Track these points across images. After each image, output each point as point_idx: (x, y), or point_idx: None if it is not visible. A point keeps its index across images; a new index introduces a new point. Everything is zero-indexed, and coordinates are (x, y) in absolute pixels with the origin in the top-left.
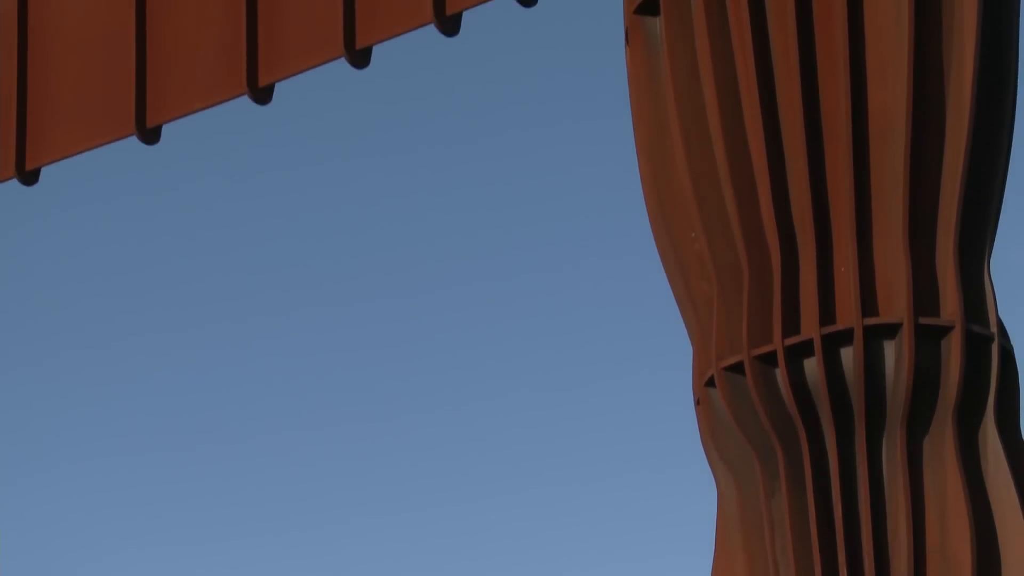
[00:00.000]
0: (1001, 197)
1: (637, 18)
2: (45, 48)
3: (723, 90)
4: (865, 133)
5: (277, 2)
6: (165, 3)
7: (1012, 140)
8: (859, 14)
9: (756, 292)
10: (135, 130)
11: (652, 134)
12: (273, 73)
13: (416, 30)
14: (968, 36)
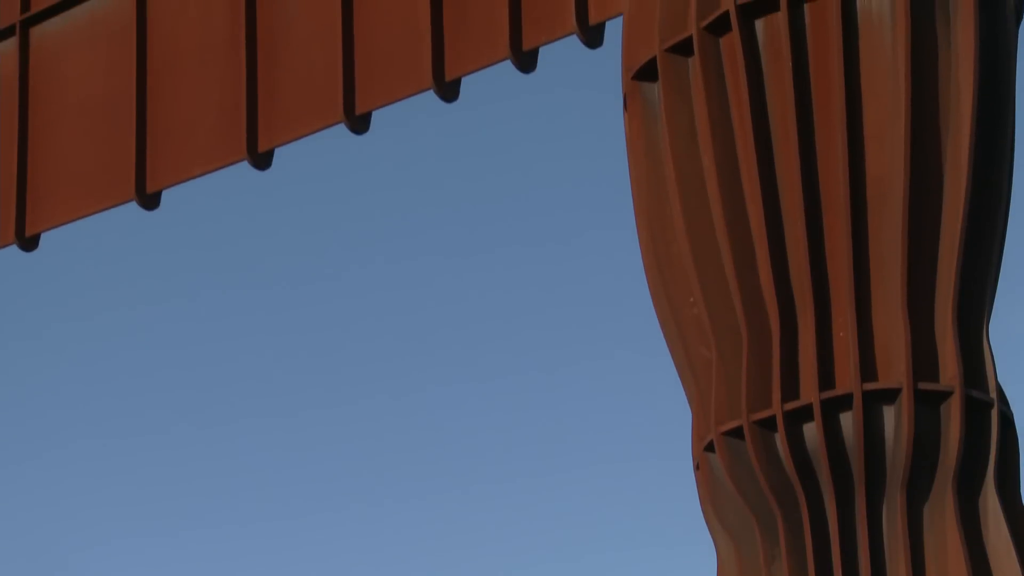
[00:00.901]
0: (999, 263)
1: (635, 84)
2: (46, 114)
3: (721, 156)
4: (863, 199)
5: (277, 68)
6: (166, 69)
7: (1009, 206)
8: (856, 81)
9: (755, 357)
10: (135, 196)
11: (651, 199)
12: (273, 138)
13: (415, 96)
14: (965, 103)
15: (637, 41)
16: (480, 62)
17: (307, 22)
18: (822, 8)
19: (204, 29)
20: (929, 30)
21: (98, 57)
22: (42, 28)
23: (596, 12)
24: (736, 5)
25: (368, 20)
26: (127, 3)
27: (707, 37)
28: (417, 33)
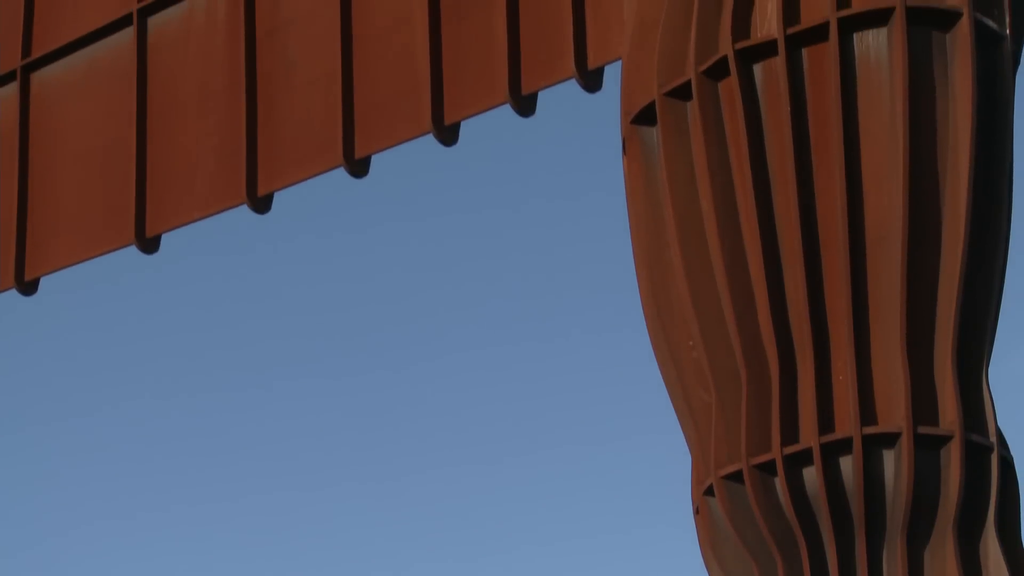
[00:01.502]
0: (999, 305)
1: (634, 128)
2: (46, 159)
3: (720, 199)
4: (862, 242)
5: (277, 112)
6: (166, 114)
7: (1008, 249)
8: (854, 125)
9: (755, 401)
10: (135, 239)
11: (650, 243)
12: (272, 182)
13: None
14: (962, 146)
15: (636, 85)
16: (479, 106)
17: (307, 66)
18: (820, 52)
19: (204, 73)
20: (927, 74)
21: (99, 102)
22: (43, 73)
23: (595, 56)
24: (734, 50)
25: (368, 65)
26: (127, 48)
27: (705, 81)
28: (416, 77)
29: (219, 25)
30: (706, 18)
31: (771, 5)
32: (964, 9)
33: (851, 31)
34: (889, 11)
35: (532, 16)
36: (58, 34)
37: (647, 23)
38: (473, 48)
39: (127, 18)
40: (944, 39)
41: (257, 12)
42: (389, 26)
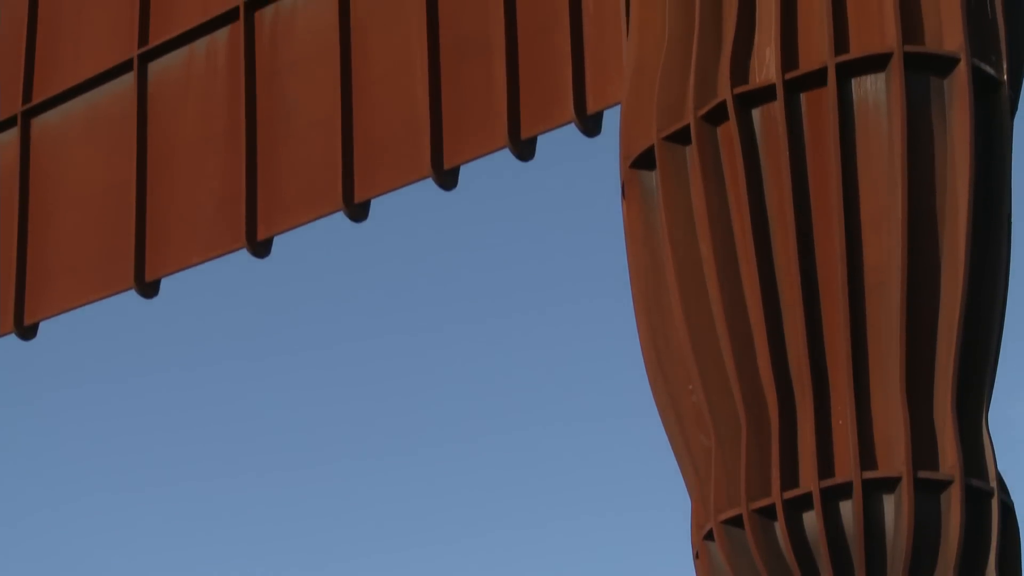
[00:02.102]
0: (998, 350)
1: (633, 172)
2: (46, 204)
3: (719, 244)
4: (861, 287)
5: (276, 156)
6: (165, 158)
7: (1007, 294)
8: (853, 170)
9: (754, 445)
10: (134, 284)
11: (649, 287)
12: (272, 227)
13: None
14: (961, 192)
15: (635, 130)
16: (479, 150)
17: (307, 111)
18: (819, 97)
19: (204, 118)
20: (925, 119)
21: (98, 147)
22: (43, 119)
23: (594, 101)
24: (733, 94)
25: (367, 109)
26: (128, 93)
27: (704, 126)
28: (416, 122)
29: (219, 70)
30: (705, 63)
31: (769, 50)
32: (962, 55)
33: (849, 76)
34: (887, 56)
35: (531, 61)
36: (58, 80)
37: (646, 68)
38: (473, 92)
39: (128, 63)
40: (942, 84)
41: (257, 57)
42: (389, 70)
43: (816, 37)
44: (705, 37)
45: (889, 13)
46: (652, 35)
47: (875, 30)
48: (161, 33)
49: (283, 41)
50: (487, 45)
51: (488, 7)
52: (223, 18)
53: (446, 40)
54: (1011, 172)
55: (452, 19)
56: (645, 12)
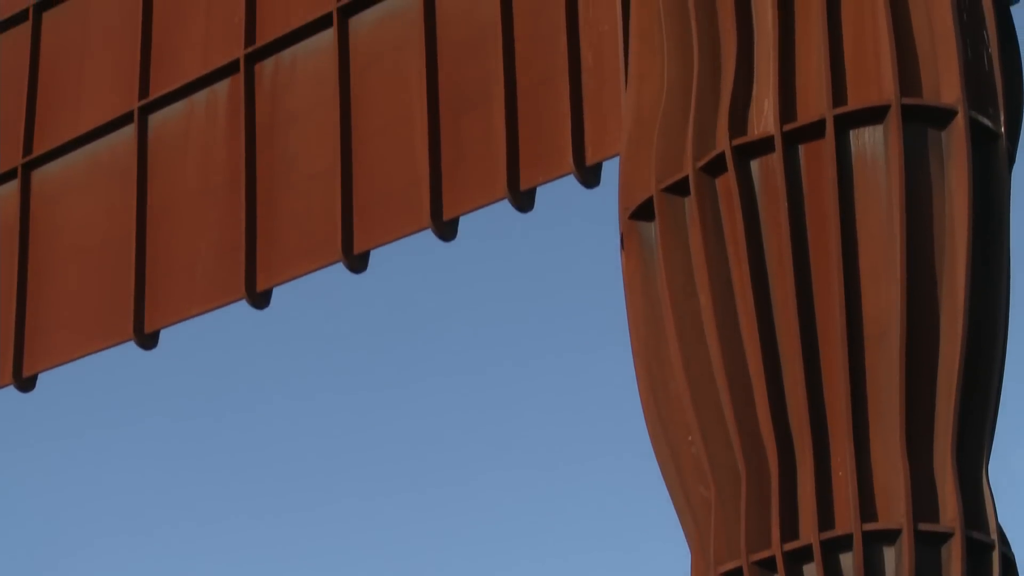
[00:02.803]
0: (998, 402)
1: (632, 223)
2: (45, 256)
3: (718, 294)
4: (860, 338)
5: (276, 208)
6: (165, 209)
7: (1006, 345)
8: (851, 221)
9: (754, 497)
10: (133, 335)
11: (648, 338)
12: (271, 278)
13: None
14: (960, 243)
15: (633, 181)
16: (478, 202)
17: (307, 162)
18: (817, 149)
19: (204, 169)
20: (923, 171)
21: (98, 198)
22: (43, 171)
23: (593, 152)
24: (732, 146)
25: (367, 160)
26: (128, 145)
27: (703, 177)
28: (415, 173)
29: (219, 121)
30: (703, 115)
31: (768, 102)
32: (959, 107)
33: (847, 128)
34: (885, 108)
35: (530, 112)
36: (59, 132)
37: (644, 119)
38: (472, 144)
39: (128, 116)
40: (940, 136)
41: (258, 108)
42: (389, 122)
43: (814, 89)
44: (703, 89)
45: (887, 65)
46: (651, 87)
47: (873, 82)
48: (162, 85)
49: (283, 93)
50: (486, 97)
51: (487, 59)
52: (224, 70)
53: (446, 92)
54: (1009, 223)
55: (452, 71)
56: (644, 64)
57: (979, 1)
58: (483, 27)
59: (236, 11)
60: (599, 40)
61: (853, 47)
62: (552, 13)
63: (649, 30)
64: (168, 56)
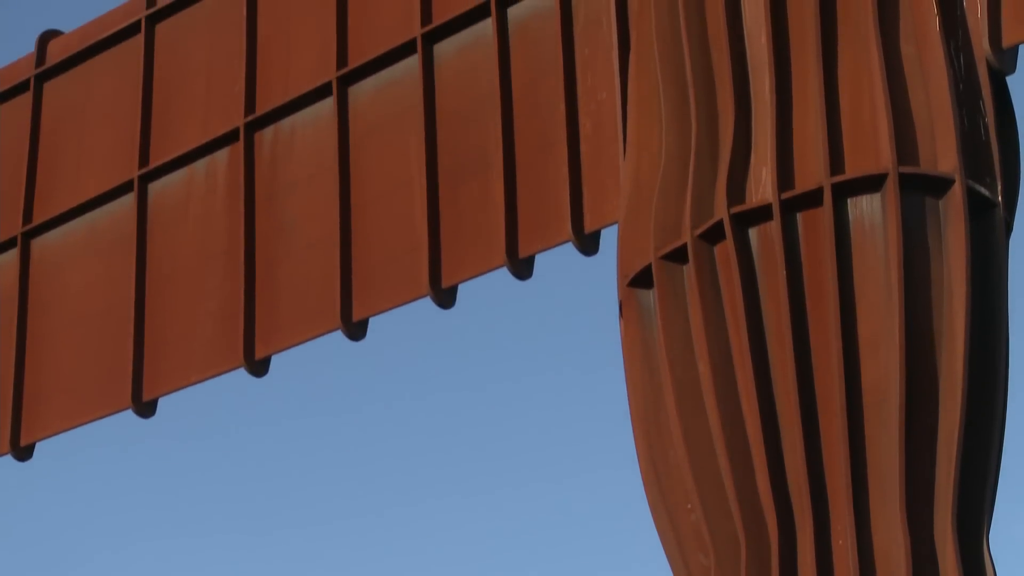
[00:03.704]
0: (998, 470)
1: (631, 291)
2: (44, 325)
3: (717, 362)
4: (859, 406)
5: (275, 275)
6: (164, 277)
7: (1007, 412)
8: (850, 289)
9: (754, 565)
10: (131, 404)
11: (647, 406)
12: (270, 346)
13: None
14: (958, 312)
15: (632, 249)
16: (477, 269)
17: (306, 230)
18: (815, 217)
19: (203, 237)
20: (921, 239)
21: (98, 267)
22: (43, 239)
23: (591, 220)
24: (730, 214)
25: (366, 228)
26: (128, 214)
27: (701, 245)
28: (414, 241)
29: (219, 190)
30: (701, 182)
31: (765, 170)
32: (956, 176)
33: (845, 196)
34: (882, 177)
35: (529, 180)
36: (59, 201)
37: (643, 187)
38: (470, 211)
39: (128, 184)
40: (937, 205)
41: (257, 177)
42: (387, 189)
43: (812, 157)
44: (702, 156)
45: (884, 134)
46: (649, 154)
47: (870, 151)
48: (161, 154)
49: (282, 161)
50: (485, 164)
51: (486, 126)
52: (223, 139)
53: (444, 159)
54: (1008, 292)
55: (450, 138)
56: (642, 132)
57: (975, 71)
58: (482, 95)
59: (236, 80)
60: (597, 108)
61: (850, 115)
62: (551, 82)
63: (647, 99)
64: (168, 125)
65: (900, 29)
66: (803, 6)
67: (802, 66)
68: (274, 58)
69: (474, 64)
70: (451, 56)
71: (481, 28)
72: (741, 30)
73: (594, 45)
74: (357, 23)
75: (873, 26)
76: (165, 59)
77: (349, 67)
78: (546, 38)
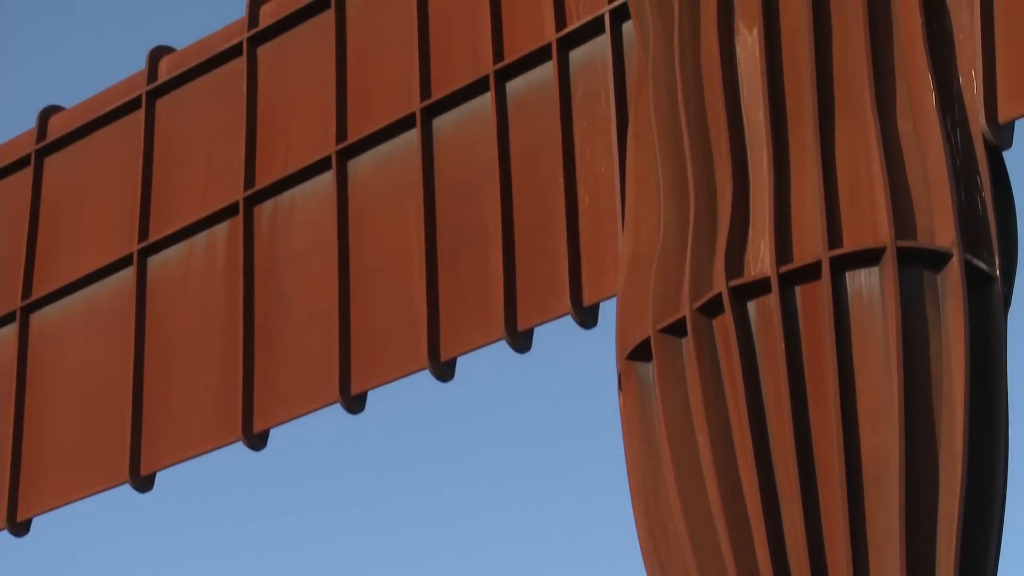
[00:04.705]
0: (999, 543)
1: (630, 364)
2: (42, 399)
3: (716, 435)
4: (859, 480)
5: (273, 349)
6: (163, 351)
7: (1006, 488)
8: (849, 362)
9: None
10: (129, 478)
11: (646, 478)
12: (268, 419)
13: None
14: (957, 385)
15: (631, 322)
16: (475, 343)
17: (304, 303)
18: (813, 291)
19: (202, 311)
20: (919, 312)
21: (97, 341)
22: (42, 313)
23: (590, 293)
24: (728, 287)
25: (365, 301)
26: (127, 287)
27: (700, 318)
28: (413, 314)
29: (218, 263)
30: (700, 256)
31: (764, 243)
32: (954, 250)
33: (843, 270)
34: (880, 251)
35: (528, 253)
36: (58, 275)
37: (641, 260)
38: (469, 285)
39: (127, 258)
40: (935, 279)
41: (256, 250)
42: (386, 262)
43: (810, 231)
44: (700, 230)
45: (881, 208)
46: (647, 228)
47: (868, 225)
48: (161, 228)
49: (282, 234)
50: (484, 237)
51: (485, 200)
52: (223, 213)
53: (443, 232)
54: (1007, 365)
55: (449, 212)
56: (640, 205)
57: (972, 146)
58: (481, 169)
59: (236, 154)
60: (596, 182)
61: (848, 189)
62: (549, 155)
63: (646, 172)
64: (168, 198)
65: (897, 104)
66: (800, 81)
67: (799, 140)
68: (274, 132)
69: (473, 138)
70: (450, 130)
71: (480, 102)
72: (739, 104)
73: (592, 119)
74: (356, 97)
75: (870, 101)
76: (165, 134)
77: (349, 141)
78: (545, 112)
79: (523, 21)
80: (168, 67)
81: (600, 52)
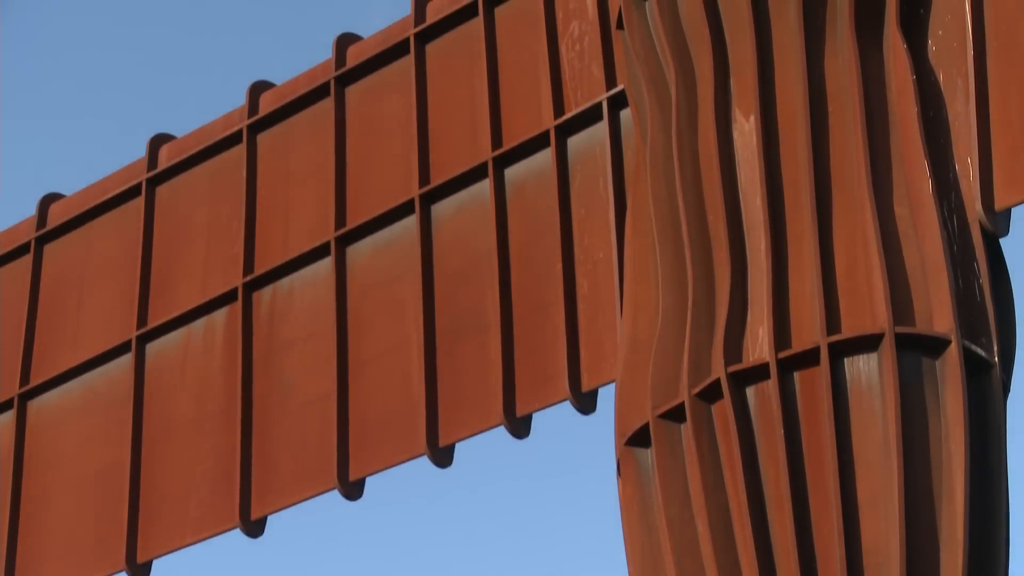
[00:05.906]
0: None
1: (628, 450)
2: (39, 485)
3: (716, 521)
4: (859, 565)
5: (271, 435)
6: (161, 438)
7: (1009, 570)
8: (848, 449)
9: None
10: (125, 566)
11: (646, 564)
12: (266, 506)
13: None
14: (957, 472)
15: (630, 407)
16: (474, 428)
17: (303, 389)
18: (812, 376)
19: (200, 397)
20: (918, 398)
21: (94, 427)
22: (40, 401)
23: (589, 379)
24: (727, 373)
25: (363, 387)
26: (125, 374)
27: (699, 404)
28: (411, 400)
29: (216, 350)
30: (698, 341)
31: (762, 329)
32: (952, 337)
33: (842, 356)
34: (878, 337)
35: (526, 339)
36: (56, 362)
37: (640, 346)
38: (468, 371)
39: (126, 345)
40: (934, 365)
41: (255, 336)
42: (385, 349)
43: (808, 317)
44: (698, 316)
45: (879, 294)
46: (646, 314)
47: (866, 311)
48: (160, 314)
49: (280, 321)
50: (482, 323)
51: (483, 286)
52: (222, 299)
53: (442, 318)
54: (1006, 452)
55: (448, 297)
56: (639, 291)
57: (968, 233)
58: (479, 255)
59: (235, 241)
60: (594, 268)
61: (846, 275)
62: (547, 242)
63: (644, 258)
64: (167, 285)
65: (893, 191)
66: (797, 167)
67: (797, 226)
68: (273, 218)
69: (472, 224)
70: (449, 216)
71: (478, 189)
72: (736, 191)
73: (591, 205)
74: (355, 183)
75: (867, 187)
76: (165, 220)
77: (347, 227)
78: (543, 198)
79: (522, 108)
80: (168, 154)
81: (598, 139)
